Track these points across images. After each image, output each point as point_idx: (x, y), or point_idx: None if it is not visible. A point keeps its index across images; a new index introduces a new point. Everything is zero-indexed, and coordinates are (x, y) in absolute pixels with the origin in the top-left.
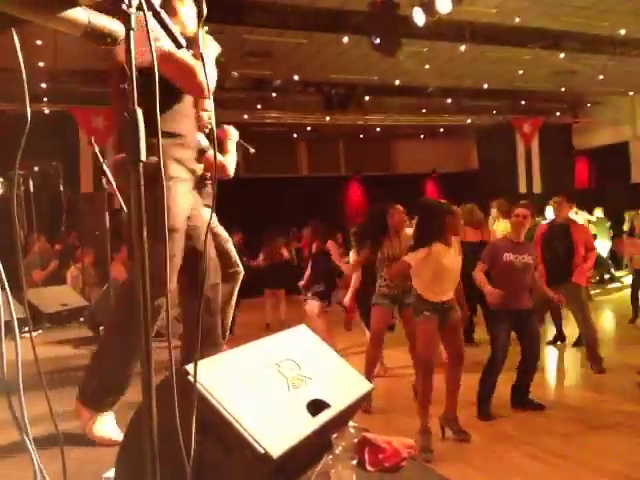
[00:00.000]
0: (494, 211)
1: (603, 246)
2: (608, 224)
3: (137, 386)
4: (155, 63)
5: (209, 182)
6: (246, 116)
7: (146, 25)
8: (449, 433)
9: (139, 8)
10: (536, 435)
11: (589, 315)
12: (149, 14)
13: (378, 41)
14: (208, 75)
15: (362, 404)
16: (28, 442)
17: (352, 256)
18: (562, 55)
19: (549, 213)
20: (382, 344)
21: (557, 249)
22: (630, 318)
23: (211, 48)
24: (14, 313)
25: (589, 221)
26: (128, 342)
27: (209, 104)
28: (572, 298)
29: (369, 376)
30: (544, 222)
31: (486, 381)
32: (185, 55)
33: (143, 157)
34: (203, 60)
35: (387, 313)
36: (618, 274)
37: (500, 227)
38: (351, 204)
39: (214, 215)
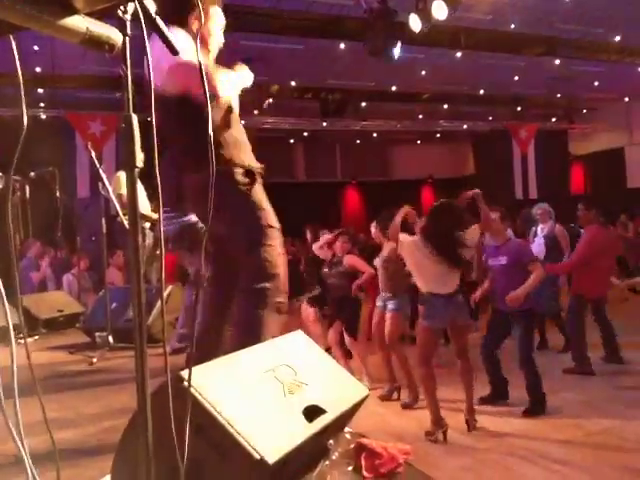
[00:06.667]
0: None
1: None
2: None
3: (133, 392)
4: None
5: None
6: (243, 121)
7: (143, 31)
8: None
9: (135, 15)
10: (533, 440)
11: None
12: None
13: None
14: None
15: None
16: (22, 449)
17: None
18: (558, 61)
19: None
20: None
21: None
22: None
23: None
24: (10, 319)
25: None
26: None
27: None
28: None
29: None
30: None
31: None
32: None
33: (139, 163)
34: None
35: None
36: None
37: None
38: (348, 209)
39: None
